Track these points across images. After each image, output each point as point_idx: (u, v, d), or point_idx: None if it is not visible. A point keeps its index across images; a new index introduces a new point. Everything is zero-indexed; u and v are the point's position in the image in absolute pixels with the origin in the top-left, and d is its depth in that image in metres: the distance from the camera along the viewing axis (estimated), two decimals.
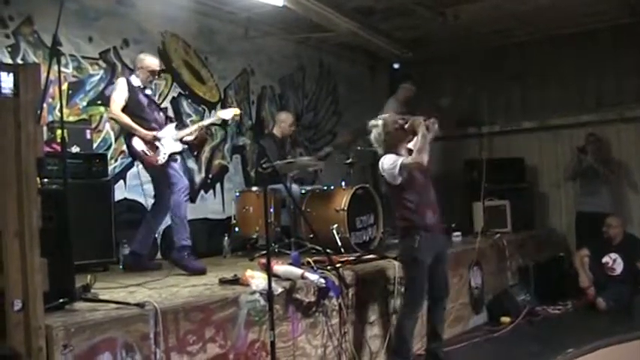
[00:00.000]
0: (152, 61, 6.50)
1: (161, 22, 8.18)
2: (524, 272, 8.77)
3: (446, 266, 5.91)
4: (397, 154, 5.56)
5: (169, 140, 6.33)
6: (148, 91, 6.56)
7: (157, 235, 7.42)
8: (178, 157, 6.53)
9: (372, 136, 5.76)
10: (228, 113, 6.80)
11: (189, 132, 6.58)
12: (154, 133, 6.25)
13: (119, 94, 6.25)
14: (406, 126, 5.64)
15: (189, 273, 5.85)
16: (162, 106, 8.13)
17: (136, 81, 6.39)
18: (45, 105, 5.82)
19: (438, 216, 5.64)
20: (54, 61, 4.30)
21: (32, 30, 6.83)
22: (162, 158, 6.22)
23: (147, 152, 6.18)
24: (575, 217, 9.67)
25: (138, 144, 6.18)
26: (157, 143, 6.24)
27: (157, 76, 6.71)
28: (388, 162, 5.49)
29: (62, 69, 4.46)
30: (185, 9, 8.36)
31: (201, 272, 5.85)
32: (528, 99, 10.78)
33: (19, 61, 6.66)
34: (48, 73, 4.33)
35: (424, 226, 5.48)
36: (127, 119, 6.19)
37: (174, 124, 6.64)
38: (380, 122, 5.74)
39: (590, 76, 10.16)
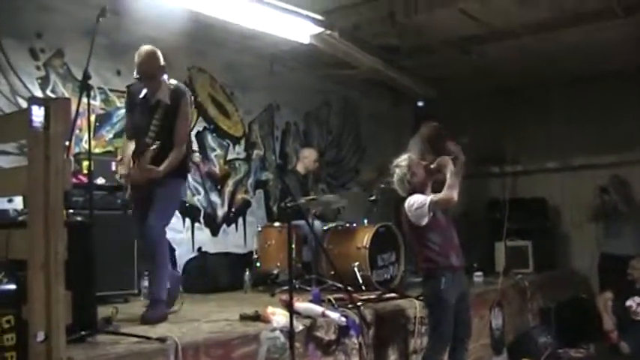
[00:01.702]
0: (137, 54, 5.48)
1: (188, 57, 8.28)
2: (546, 314, 8.69)
3: (469, 306, 5.83)
4: (417, 192, 5.50)
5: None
6: (159, 96, 5.47)
7: (178, 269, 7.46)
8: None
9: (396, 176, 5.67)
10: None
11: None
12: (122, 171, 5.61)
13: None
14: (432, 165, 5.63)
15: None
16: None
17: (139, 89, 5.55)
18: (72, 137, 5.89)
19: (461, 256, 5.59)
20: (84, 93, 4.38)
21: (62, 62, 6.96)
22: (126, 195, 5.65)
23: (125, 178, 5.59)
24: (598, 259, 9.59)
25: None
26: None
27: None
28: (417, 201, 5.40)
29: (90, 101, 4.51)
30: (212, 44, 8.47)
31: None
32: (552, 139, 10.75)
33: (49, 93, 6.78)
34: (78, 105, 4.40)
35: (449, 267, 5.43)
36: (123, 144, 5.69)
37: None
38: (405, 162, 5.67)
39: (614, 116, 10.11)
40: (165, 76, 5.48)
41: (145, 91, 5.47)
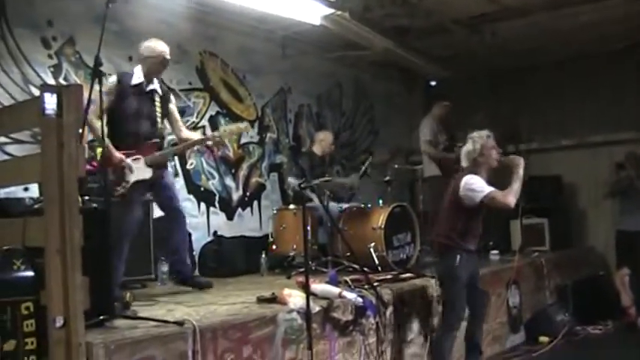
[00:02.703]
0: (156, 47, 5.82)
1: (200, 42, 8.28)
2: (563, 291, 8.67)
3: (478, 286, 5.91)
4: (478, 175, 5.55)
5: (141, 164, 5.61)
6: (153, 86, 5.80)
7: (194, 253, 7.50)
8: (167, 176, 5.93)
9: (466, 147, 5.71)
10: (234, 131, 6.42)
11: (174, 152, 6.37)
12: (120, 156, 5.47)
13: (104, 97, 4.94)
14: (502, 159, 5.70)
15: None
16: (201, 124, 8.22)
17: (137, 77, 5.72)
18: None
19: (477, 243, 5.74)
20: (95, 81, 4.38)
21: (74, 50, 6.97)
22: (120, 188, 5.50)
23: (110, 175, 5.37)
24: (614, 236, 9.54)
25: (105, 162, 5.22)
26: (124, 167, 5.52)
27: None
28: (477, 185, 5.45)
29: (103, 89, 4.52)
30: (223, 28, 8.46)
31: None
32: (566, 116, 10.69)
33: (61, 81, 6.79)
34: (90, 93, 4.40)
35: (465, 250, 5.55)
36: (97, 132, 5.25)
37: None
38: (480, 141, 5.65)
39: (629, 93, 10.05)
40: None
41: (140, 79, 5.72)
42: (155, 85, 5.83)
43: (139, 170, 5.58)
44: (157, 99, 5.82)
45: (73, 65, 6.98)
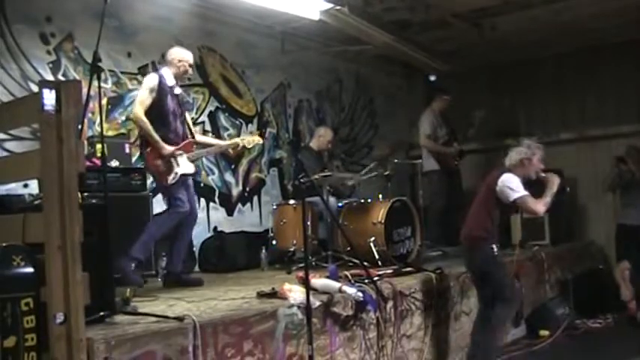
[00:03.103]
0: (189, 54, 6.22)
1: (198, 37, 8.27)
2: (563, 285, 8.67)
3: None
4: (518, 176, 5.94)
5: (184, 159, 6.05)
6: (178, 90, 6.19)
7: (194, 249, 7.50)
8: (190, 179, 6.24)
9: (516, 150, 6.11)
10: (251, 142, 6.59)
11: (206, 153, 6.59)
12: (173, 148, 5.92)
13: (146, 94, 5.87)
14: (541, 174, 6.10)
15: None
16: (200, 120, 8.22)
17: (169, 79, 6.06)
18: (85, 120, 5.90)
19: None
20: (94, 76, 4.38)
21: (73, 46, 6.96)
22: (172, 178, 5.93)
23: (161, 167, 5.91)
24: (615, 230, 9.53)
25: (154, 155, 5.89)
26: (172, 160, 5.95)
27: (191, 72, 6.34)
28: (514, 185, 5.87)
29: (102, 84, 4.51)
30: (222, 24, 8.45)
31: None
32: (566, 110, 10.68)
33: (60, 77, 6.78)
34: (89, 88, 4.40)
35: (495, 242, 6.01)
36: (149, 126, 5.80)
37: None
38: (531, 149, 6.09)
39: (629, 86, 10.03)
40: None
41: (172, 81, 6.08)
42: (179, 89, 6.23)
43: (184, 164, 6.02)
44: (181, 102, 6.29)
45: (72, 61, 6.97)
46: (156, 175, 6.04)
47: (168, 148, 5.88)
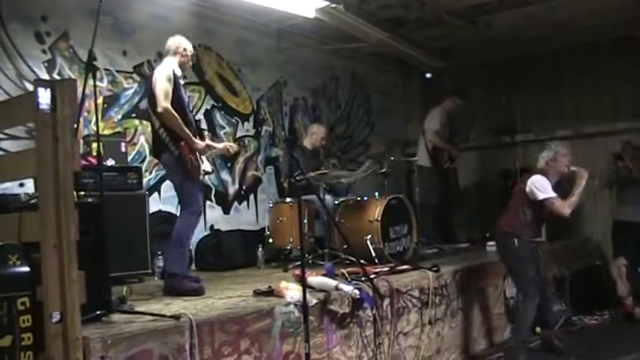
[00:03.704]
0: (190, 44, 5.94)
1: (195, 36, 8.25)
2: (560, 282, 8.65)
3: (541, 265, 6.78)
4: (547, 177, 6.38)
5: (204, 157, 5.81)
6: (182, 81, 5.77)
7: (191, 247, 7.48)
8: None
9: (541, 155, 6.59)
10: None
11: (220, 151, 6.33)
12: (205, 144, 5.68)
13: (167, 84, 5.41)
14: (571, 168, 6.51)
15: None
16: (196, 118, 8.19)
17: (176, 68, 5.65)
18: (81, 119, 5.89)
19: (536, 234, 6.68)
20: (90, 75, 4.37)
21: (68, 45, 6.94)
22: (202, 175, 5.72)
23: (194, 163, 5.51)
24: (611, 226, 9.53)
25: (187, 150, 5.46)
26: (199, 156, 5.61)
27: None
28: (542, 186, 6.29)
29: (97, 83, 4.50)
30: (218, 22, 8.44)
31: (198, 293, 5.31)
32: (563, 107, 10.68)
33: (55, 76, 6.77)
34: (84, 87, 4.39)
35: (522, 236, 6.39)
36: (179, 121, 5.38)
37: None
38: (557, 148, 6.53)
39: (626, 83, 10.02)
40: None
41: (179, 71, 5.70)
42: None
43: (205, 162, 5.83)
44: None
45: (67, 60, 6.95)
46: (186, 172, 5.49)
47: (201, 144, 5.61)
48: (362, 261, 5.94)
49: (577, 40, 10.00)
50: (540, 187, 6.28)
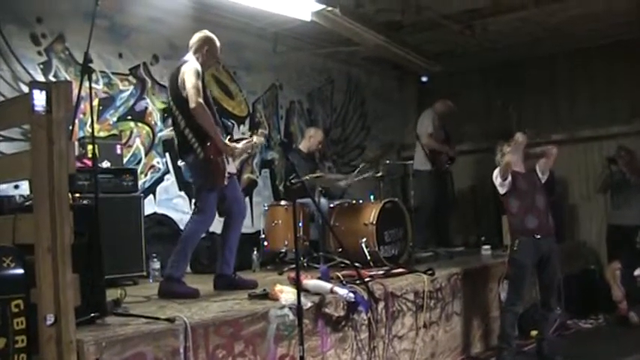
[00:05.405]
0: (213, 42, 5.76)
1: (190, 38, 8.23)
2: None
3: (554, 271, 6.65)
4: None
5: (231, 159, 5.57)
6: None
7: None
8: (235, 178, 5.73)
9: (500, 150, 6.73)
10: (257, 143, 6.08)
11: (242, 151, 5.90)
12: (233, 145, 5.51)
13: (196, 79, 5.16)
14: (537, 149, 6.93)
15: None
16: None
17: (200, 67, 5.42)
18: (76, 121, 5.88)
19: (543, 220, 6.50)
20: (85, 77, 4.37)
21: (64, 47, 6.94)
22: (226, 179, 5.43)
23: (220, 165, 5.33)
24: (606, 230, 9.55)
25: (214, 151, 5.28)
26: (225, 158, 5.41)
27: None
28: (495, 174, 6.49)
29: (93, 85, 4.50)
30: (215, 25, 8.41)
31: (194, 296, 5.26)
32: (557, 111, 10.70)
33: (51, 78, 6.77)
34: (79, 89, 4.39)
35: (524, 231, 6.34)
36: (211, 120, 5.20)
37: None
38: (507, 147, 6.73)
39: (620, 87, 10.05)
40: None
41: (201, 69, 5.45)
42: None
43: (232, 164, 5.60)
44: None
45: (63, 62, 6.95)
46: (210, 175, 5.33)
47: (229, 143, 5.42)
48: (357, 264, 5.95)
49: (571, 44, 10.02)
50: (495, 176, 6.56)
